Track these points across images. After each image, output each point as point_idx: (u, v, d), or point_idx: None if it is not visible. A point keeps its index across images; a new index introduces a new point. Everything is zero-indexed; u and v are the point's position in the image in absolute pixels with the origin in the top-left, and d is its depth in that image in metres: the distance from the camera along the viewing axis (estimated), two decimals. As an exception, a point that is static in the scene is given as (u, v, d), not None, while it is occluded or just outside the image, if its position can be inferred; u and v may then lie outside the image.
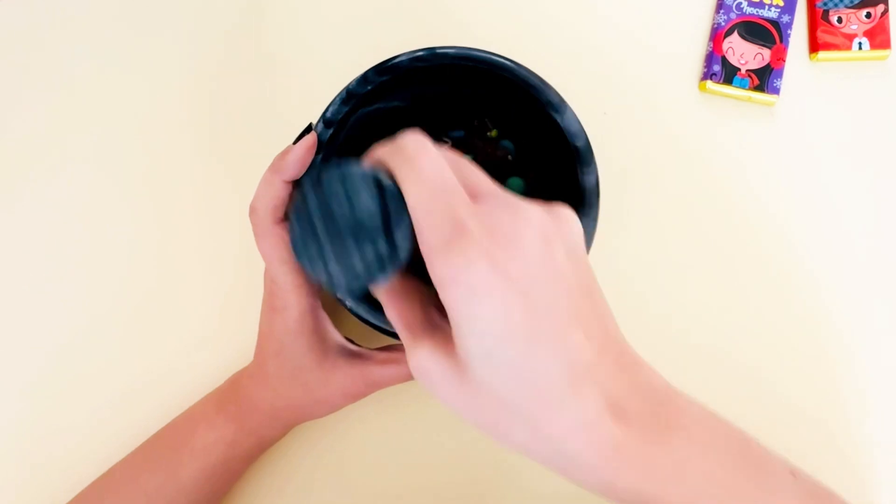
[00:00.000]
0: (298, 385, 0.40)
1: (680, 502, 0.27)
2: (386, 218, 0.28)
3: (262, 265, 0.38)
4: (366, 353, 0.41)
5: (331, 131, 0.38)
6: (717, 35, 0.54)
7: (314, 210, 0.28)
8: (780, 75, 0.53)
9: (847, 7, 0.53)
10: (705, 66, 0.54)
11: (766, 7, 0.53)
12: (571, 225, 0.28)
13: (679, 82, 0.55)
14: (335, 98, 0.38)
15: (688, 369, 0.47)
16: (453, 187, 0.26)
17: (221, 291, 0.51)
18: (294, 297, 0.37)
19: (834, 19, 0.54)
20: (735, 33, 0.54)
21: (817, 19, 0.54)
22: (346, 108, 0.38)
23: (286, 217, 0.36)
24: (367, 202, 0.28)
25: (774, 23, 0.53)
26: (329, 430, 0.49)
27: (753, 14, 0.53)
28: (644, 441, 0.26)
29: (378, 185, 0.28)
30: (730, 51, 0.54)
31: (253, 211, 0.37)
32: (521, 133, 0.46)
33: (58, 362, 0.50)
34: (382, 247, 0.28)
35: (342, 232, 0.28)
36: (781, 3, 0.53)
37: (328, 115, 0.38)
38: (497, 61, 0.38)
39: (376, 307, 0.37)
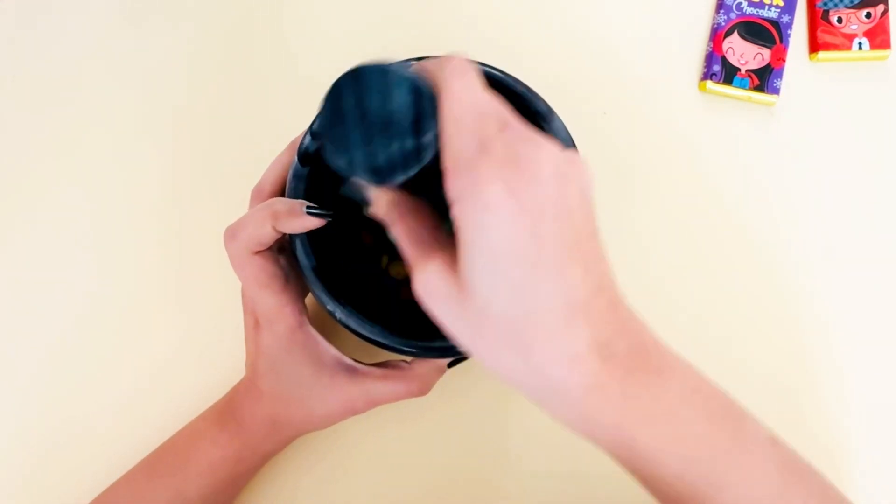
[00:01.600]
0: (295, 401, 0.40)
1: (655, 444, 0.28)
2: (417, 118, 0.28)
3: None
4: (363, 368, 0.40)
5: (318, 143, 0.38)
6: (718, 35, 0.54)
7: (348, 98, 0.29)
8: (780, 75, 0.53)
9: (847, 7, 0.53)
10: (705, 66, 0.54)
11: (767, 7, 0.53)
12: (585, 170, 0.29)
13: (679, 82, 0.54)
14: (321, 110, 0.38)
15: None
16: (489, 110, 0.27)
17: (218, 300, 0.50)
18: (279, 316, 0.37)
19: (834, 19, 0.53)
20: (735, 33, 0.53)
21: (817, 19, 0.53)
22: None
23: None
24: (401, 99, 0.29)
25: (774, 23, 0.53)
26: (331, 440, 0.48)
27: (753, 14, 0.53)
28: (626, 381, 0.27)
29: (415, 86, 0.29)
30: (730, 51, 0.53)
31: (232, 238, 0.37)
32: None
33: (55, 369, 0.50)
34: (409, 144, 0.28)
35: (372, 122, 0.29)
36: (781, 3, 0.53)
37: (315, 127, 0.37)
38: (485, 72, 0.38)
39: (367, 318, 0.37)
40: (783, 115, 0.54)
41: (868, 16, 0.53)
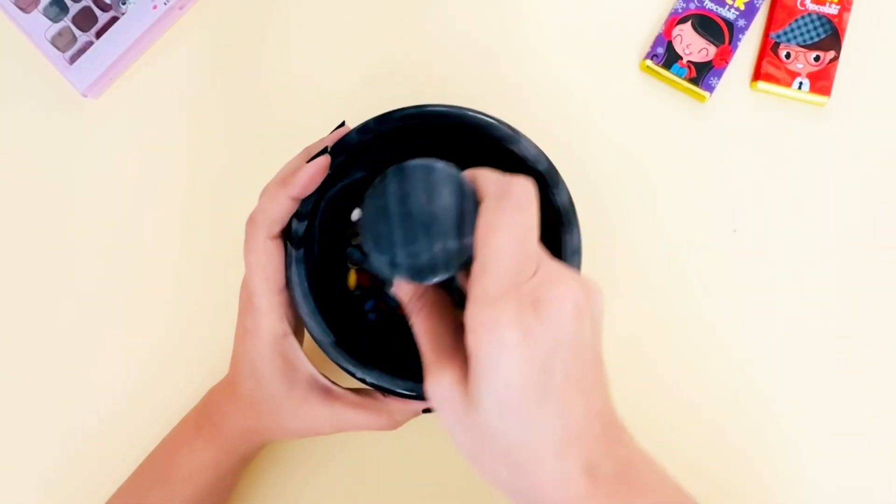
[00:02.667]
0: (268, 410, 0.39)
1: None
2: (461, 220, 0.29)
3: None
4: (336, 391, 0.40)
5: (305, 223, 0.38)
6: (672, 20, 0.52)
7: (392, 195, 0.29)
8: (718, 75, 0.51)
9: (799, 45, 0.52)
10: (650, 47, 0.52)
11: (727, 7, 0.52)
12: (599, 299, 0.30)
13: (624, 58, 0.53)
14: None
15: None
16: (530, 252, 0.28)
17: (218, 300, 0.47)
18: (267, 321, 0.37)
19: (783, 53, 0.52)
20: (689, 23, 0.52)
21: (767, 49, 0.52)
22: (314, 196, 0.38)
23: (286, 236, 0.37)
24: (447, 199, 0.29)
25: (729, 23, 0.52)
26: (331, 441, 0.48)
27: (712, 10, 0.52)
28: (611, 498, 0.29)
29: (460, 186, 0.29)
30: (678, 38, 0.52)
31: (251, 221, 0.37)
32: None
33: (55, 368, 0.50)
34: (452, 245, 0.28)
35: (415, 222, 0.29)
36: (742, 7, 0.52)
37: (299, 209, 0.37)
38: (444, 111, 0.38)
39: (355, 357, 0.37)
40: (712, 120, 0.53)
41: (817, 59, 0.52)
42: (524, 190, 0.29)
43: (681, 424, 0.49)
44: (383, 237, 0.29)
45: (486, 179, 0.30)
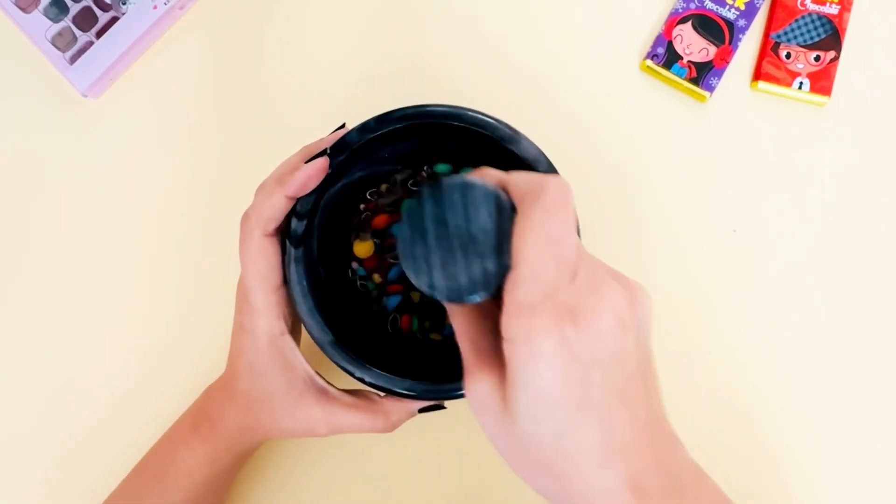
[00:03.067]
0: (266, 408, 0.39)
1: None
2: (500, 238, 0.28)
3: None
4: (333, 392, 0.39)
5: (305, 222, 0.38)
6: (672, 20, 0.52)
7: (429, 215, 0.29)
8: (719, 75, 0.51)
9: (799, 45, 0.52)
10: (651, 46, 0.52)
11: (727, 7, 0.52)
12: (645, 306, 0.29)
13: (624, 57, 0.53)
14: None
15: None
16: (567, 257, 0.27)
17: (218, 299, 0.46)
18: (264, 320, 0.37)
19: (783, 53, 0.52)
20: (689, 23, 0.52)
21: (767, 49, 0.52)
22: (313, 196, 0.38)
23: (284, 234, 0.37)
24: (484, 218, 0.28)
25: (730, 23, 0.52)
26: (334, 443, 0.48)
27: (712, 10, 0.52)
28: None
29: (499, 204, 0.28)
30: (678, 38, 0.52)
31: (246, 218, 0.37)
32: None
33: (54, 367, 0.50)
34: (491, 265, 0.28)
35: (453, 242, 0.28)
36: (742, 7, 0.52)
37: (297, 208, 0.37)
38: (444, 111, 0.38)
39: (353, 356, 0.37)
40: (712, 121, 0.52)
41: (817, 59, 0.52)
42: (558, 191, 0.28)
43: (680, 423, 0.49)
44: (421, 259, 0.29)
45: (519, 186, 0.29)
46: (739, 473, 0.49)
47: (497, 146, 0.38)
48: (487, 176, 0.31)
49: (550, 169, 0.38)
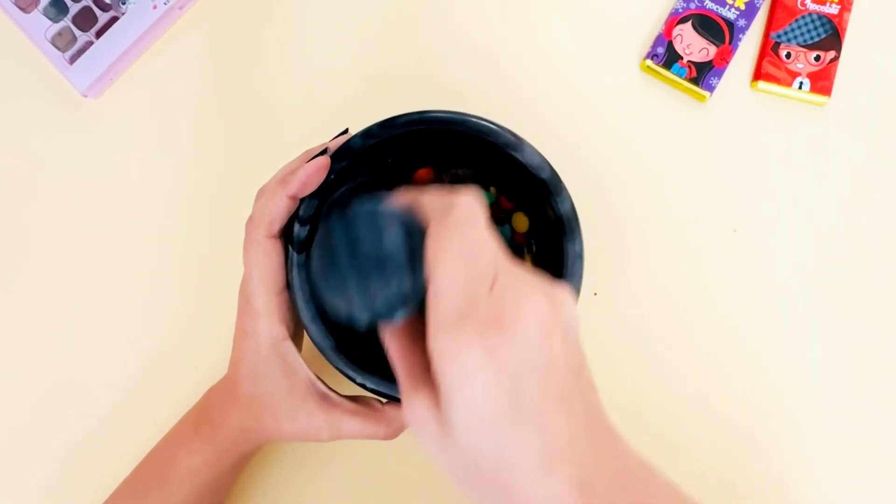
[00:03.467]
0: (268, 411, 0.39)
1: None
2: (412, 257, 0.28)
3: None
4: (334, 398, 0.39)
5: (308, 228, 0.37)
6: (672, 20, 0.52)
7: (339, 240, 0.29)
8: (719, 74, 0.51)
9: (799, 45, 0.52)
10: (651, 46, 0.52)
11: (727, 7, 0.52)
12: (569, 309, 0.29)
13: (624, 57, 0.53)
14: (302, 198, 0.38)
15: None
16: (482, 267, 0.27)
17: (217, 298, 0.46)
18: (265, 324, 0.37)
19: (783, 53, 0.52)
20: (689, 23, 0.52)
21: (767, 49, 0.52)
22: (316, 201, 0.37)
23: (287, 239, 0.37)
24: (393, 240, 0.28)
25: (730, 23, 0.52)
26: (333, 444, 0.46)
27: (712, 10, 0.52)
28: None
29: (406, 224, 0.29)
30: (678, 38, 0.52)
31: (250, 220, 0.37)
32: (496, 178, 0.45)
33: (51, 370, 0.50)
34: (406, 285, 0.28)
35: (366, 265, 0.28)
36: (742, 7, 0.52)
37: (301, 213, 0.37)
38: (447, 117, 0.39)
39: (355, 362, 0.37)
40: (712, 121, 0.52)
41: (817, 58, 0.52)
42: (465, 204, 0.28)
43: (682, 424, 0.49)
44: (337, 287, 0.29)
45: (428, 205, 0.29)
46: (740, 473, 0.49)
47: (500, 152, 0.39)
48: (397, 200, 0.31)
49: (554, 176, 0.38)
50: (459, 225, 0.28)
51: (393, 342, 0.31)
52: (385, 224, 0.29)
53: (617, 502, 0.28)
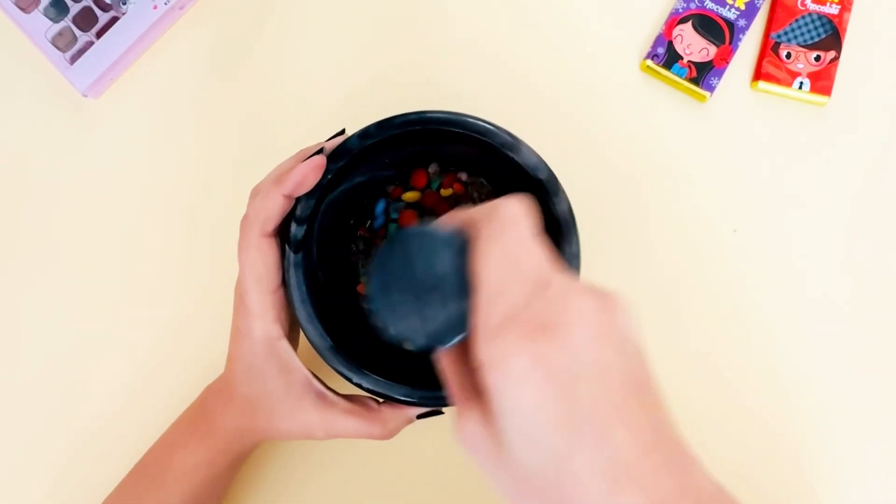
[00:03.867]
0: (264, 410, 0.39)
1: None
2: (465, 277, 0.28)
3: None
4: (331, 397, 0.39)
5: (304, 227, 0.38)
6: (672, 20, 0.52)
7: (395, 267, 0.29)
8: (719, 75, 0.51)
9: (799, 45, 0.52)
10: (651, 47, 0.52)
11: (727, 7, 0.52)
12: (625, 314, 0.27)
13: (624, 58, 0.53)
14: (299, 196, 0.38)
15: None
16: (527, 273, 0.27)
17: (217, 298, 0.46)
18: (260, 323, 0.37)
19: (783, 54, 0.52)
20: (689, 23, 0.52)
21: (767, 49, 0.52)
22: (313, 201, 0.38)
23: (284, 238, 0.37)
24: (447, 262, 0.28)
25: (730, 23, 0.52)
26: (334, 444, 0.48)
27: (713, 10, 0.52)
28: None
29: (459, 245, 0.28)
30: (678, 38, 0.52)
31: (244, 219, 0.37)
32: (493, 178, 0.46)
33: (49, 370, 0.51)
34: (460, 306, 0.28)
35: (422, 290, 0.28)
36: (742, 7, 0.52)
37: (298, 213, 0.37)
38: (444, 118, 0.38)
39: (352, 362, 0.37)
40: (712, 120, 0.52)
41: (817, 58, 0.52)
42: (509, 209, 0.28)
43: (681, 423, 0.49)
44: (393, 311, 0.29)
45: (475, 216, 0.29)
46: (740, 474, 0.49)
47: (497, 152, 0.38)
48: (450, 220, 0.30)
49: (551, 177, 0.38)
50: (502, 230, 0.27)
51: (445, 361, 0.30)
52: (438, 247, 0.29)
53: None
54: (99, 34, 0.51)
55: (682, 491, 0.26)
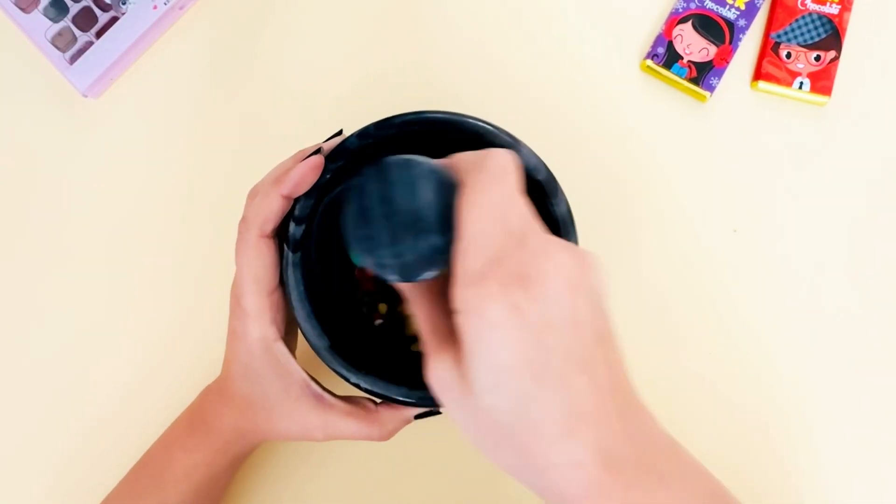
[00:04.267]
0: (262, 411, 0.39)
1: None
2: (446, 213, 0.28)
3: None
4: (329, 399, 0.39)
5: (303, 227, 0.37)
6: (672, 20, 0.52)
7: (374, 193, 0.28)
8: (719, 74, 0.51)
9: (799, 45, 0.52)
10: (651, 46, 0.52)
11: (727, 7, 0.52)
12: (598, 273, 0.29)
13: (624, 58, 0.53)
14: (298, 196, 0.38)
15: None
16: (512, 226, 0.27)
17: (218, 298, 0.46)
18: (256, 325, 0.37)
19: (783, 53, 0.52)
20: (689, 23, 0.52)
21: (767, 49, 0.52)
22: (311, 200, 0.37)
23: (282, 238, 0.37)
24: (428, 194, 0.28)
25: (730, 23, 0.52)
26: (334, 445, 0.47)
27: (713, 10, 0.52)
28: (627, 488, 0.27)
29: (441, 180, 0.28)
30: (678, 38, 0.52)
31: (242, 220, 0.37)
32: None
33: (48, 370, 0.51)
34: (438, 240, 0.28)
35: (399, 220, 0.28)
36: (742, 7, 0.52)
37: (296, 212, 0.37)
38: (443, 118, 0.38)
39: (349, 362, 0.37)
40: (712, 120, 0.52)
41: (817, 58, 0.52)
42: (499, 160, 0.28)
43: (681, 424, 0.49)
44: (367, 238, 0.28)
45: (462, 162, 0.29)
46: (740, 473, 0.49)
47: None
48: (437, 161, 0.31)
49: (550, 178, 0.38)
50: (492, 181, 0.28)
51: (418, 302, 0.30)
52: (421, 177, 0.28)
53: (641, 476, 0.27)
54: (99, 34, 0.51)
55: (630, 437, 0.27)
